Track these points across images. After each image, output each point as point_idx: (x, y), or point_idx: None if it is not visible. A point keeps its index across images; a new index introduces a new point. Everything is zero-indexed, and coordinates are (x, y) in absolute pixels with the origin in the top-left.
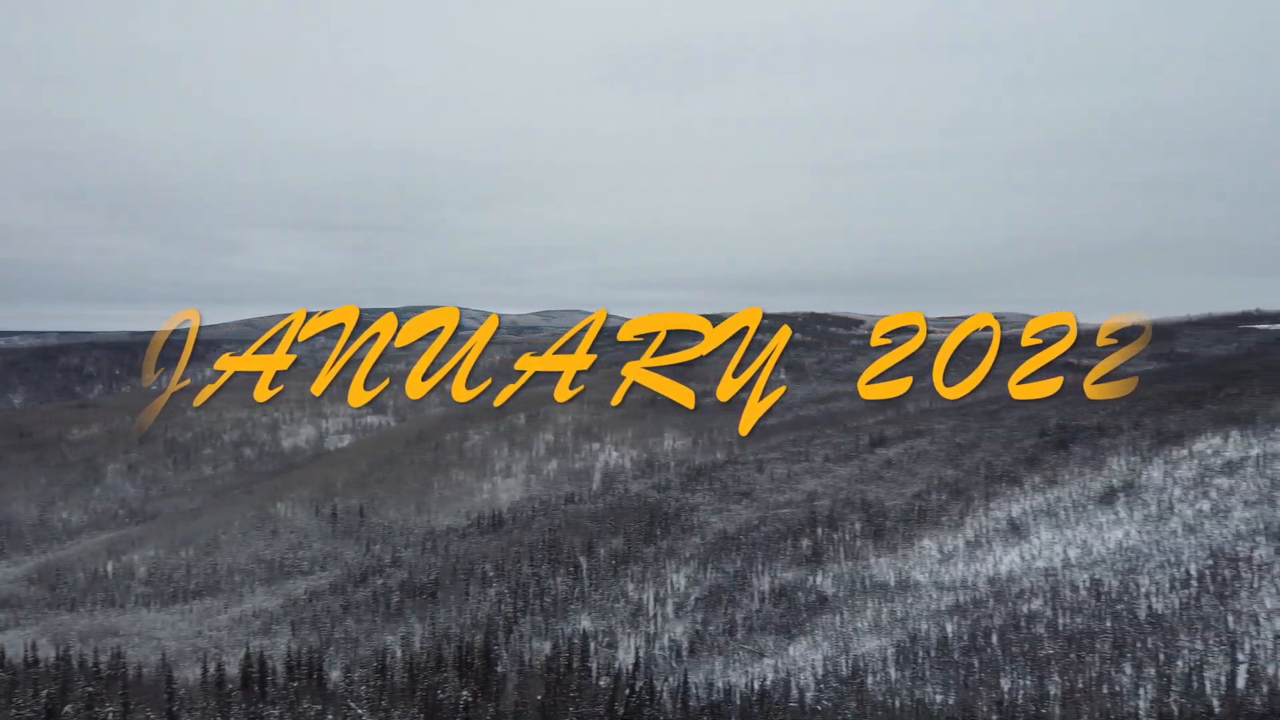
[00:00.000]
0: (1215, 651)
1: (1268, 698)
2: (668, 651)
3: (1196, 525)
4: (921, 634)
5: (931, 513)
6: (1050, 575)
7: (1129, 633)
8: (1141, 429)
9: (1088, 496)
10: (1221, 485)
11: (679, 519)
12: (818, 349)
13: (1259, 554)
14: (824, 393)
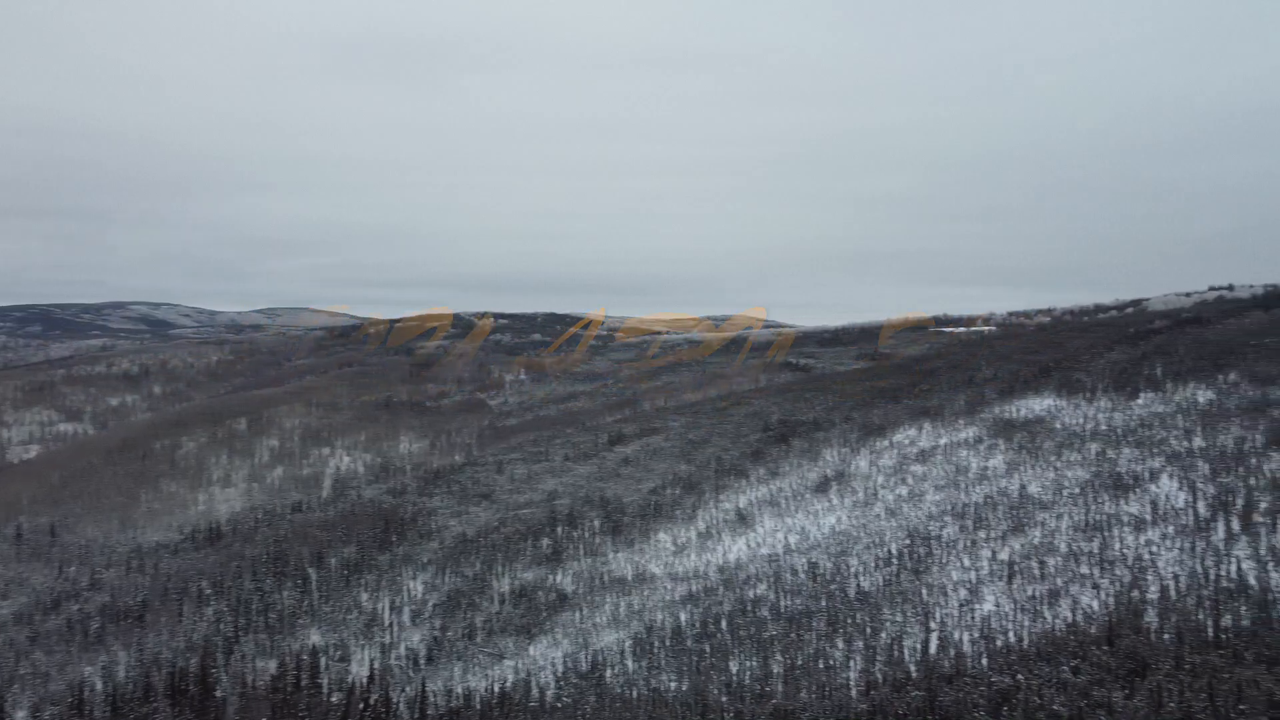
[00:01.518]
0: (912, 622)
1: (955, 660)
2: (405, 661)
3: (896, 509)
4: (657, 625)
5: (667, 507)
6: (773, 561)
7: (841, 610)
8: (850, 423)
9: (805, 486)
10: (917, 472)
11: (416, 524)
12: (559, 349)
13: (947, 532)
14: (563, 392)
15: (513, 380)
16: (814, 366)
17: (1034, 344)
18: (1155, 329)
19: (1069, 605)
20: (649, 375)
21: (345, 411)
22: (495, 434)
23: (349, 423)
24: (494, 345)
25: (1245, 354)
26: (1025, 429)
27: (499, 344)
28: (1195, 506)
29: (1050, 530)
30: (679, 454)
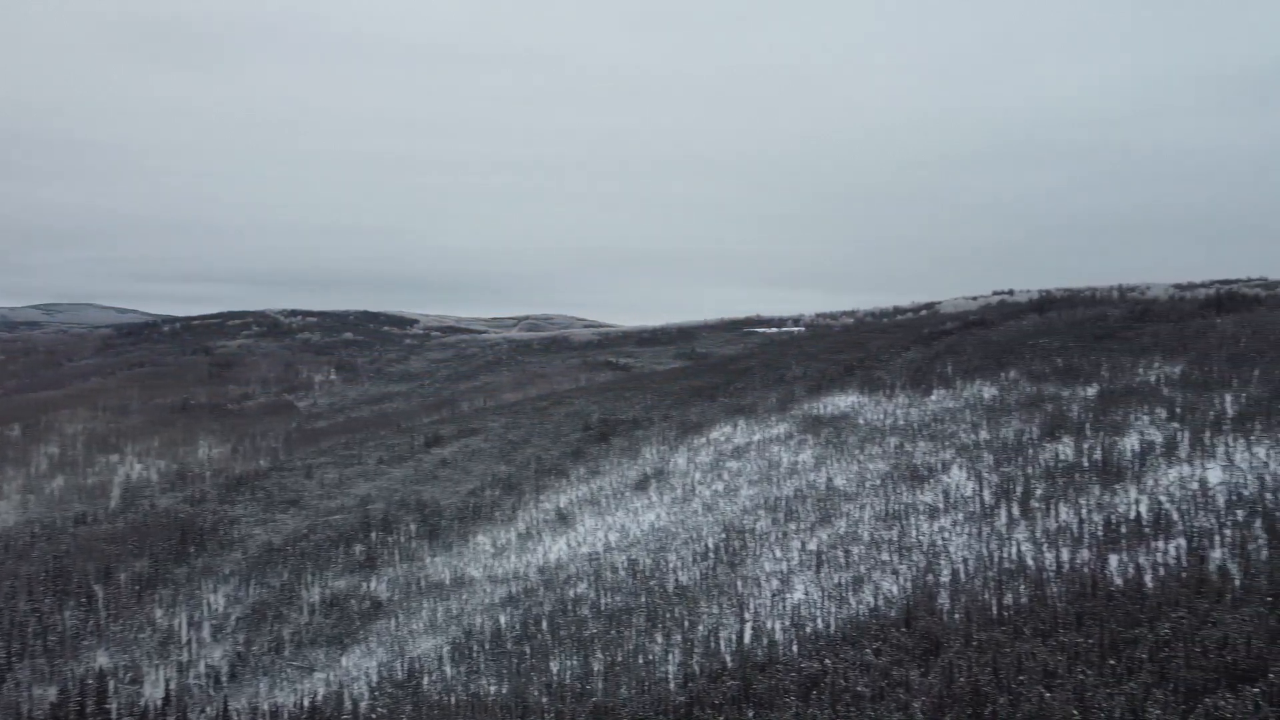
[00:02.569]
0: (728, 614)
1: (767, 648)
2: (205, 679)
3: (713, 504)
4: (476, 628)
5: (486, 509)
6: (594, 560)
7: (660, 605)
8: (669, 421)
9: (625, 484)
10: (732, 468)
11: (217, 533)
12: (370, 348)
13: (760, 525)
14: (377, 393)
15: (322, 381)
16: (634, 366)
17: (839, 344)
18: (947, 330)
19: (871, 591)
20: (467, 375)
21: (136, 415)
22: (304, 437)
23: (141, 427)
24: (302, 345)
25: (1023, 353)
26: (832, 425)
27: (308, 343)
28: (981, 494)
29: (855, 520)
30: (498, 455)
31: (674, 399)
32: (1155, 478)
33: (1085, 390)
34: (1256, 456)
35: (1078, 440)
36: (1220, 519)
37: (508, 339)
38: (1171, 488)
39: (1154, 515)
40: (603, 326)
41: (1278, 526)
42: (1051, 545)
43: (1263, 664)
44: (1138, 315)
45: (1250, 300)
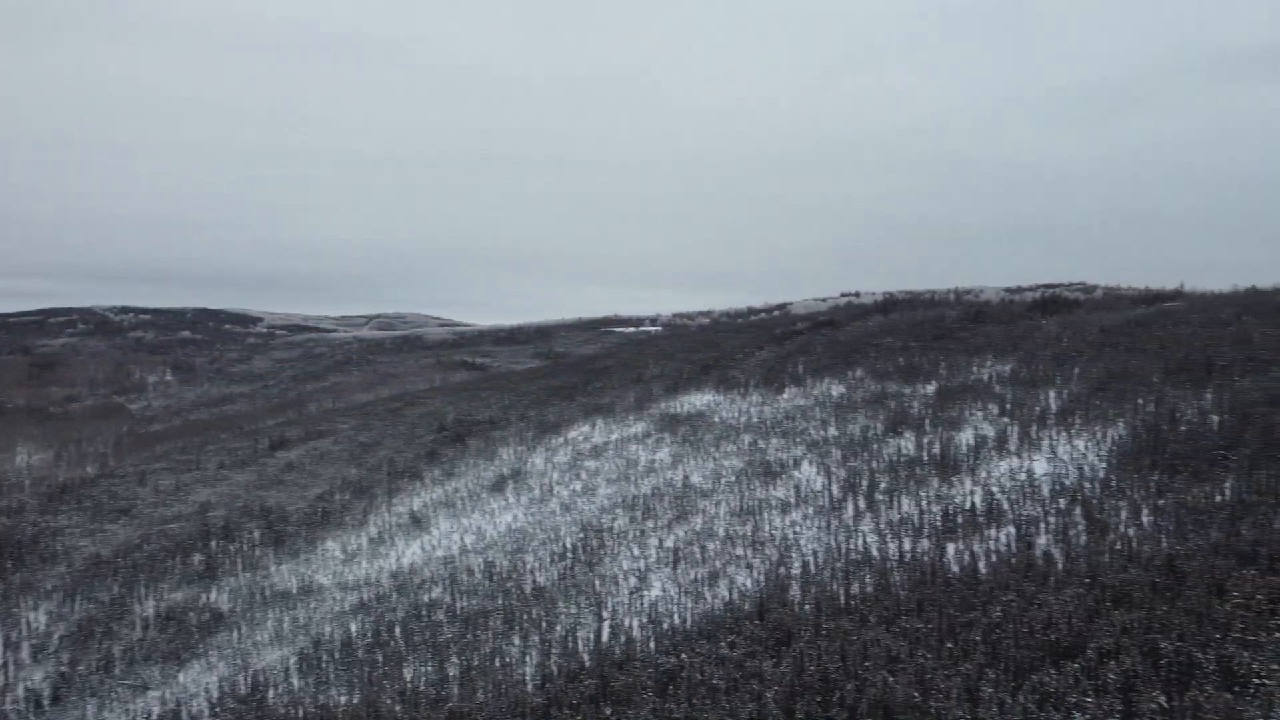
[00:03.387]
0: (586, 613)
1: (625, 646)
2: (24, 704)
3: (571, 504)
4: (325, 638)
5: (335, 513)
6: (449, 563)
7: (517, 607)
8: (527, 421)
9: (482, 485)
10: (590, 467)
11: (37, 547)
12: (210, 347)
13: (618, 524)
14: (218, 394)
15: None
16: (490, 365)
17: (696, 343)
18: (798, 330)
19: (726, 585)
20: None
21: None
22: (137, 442)
23: None
24: (135, 344)
25: (869, 353)
26: (688, 423)
27: (141, 342)
28: (830, 489)
29: (710, 517)
30: (349, 457)
31: (532, 399)
32: (988, 470)
33: (925, 388)
34: (1076, 448)
35: (918, 435)
36: (1045, 507)
37: (358, 338)
38: (1002, 479)
39: (987, 505)
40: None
41: (1095, 513)
42: (894, 536)
43: (1082, 641)
44: (972, 317)
45: (1071, 303)
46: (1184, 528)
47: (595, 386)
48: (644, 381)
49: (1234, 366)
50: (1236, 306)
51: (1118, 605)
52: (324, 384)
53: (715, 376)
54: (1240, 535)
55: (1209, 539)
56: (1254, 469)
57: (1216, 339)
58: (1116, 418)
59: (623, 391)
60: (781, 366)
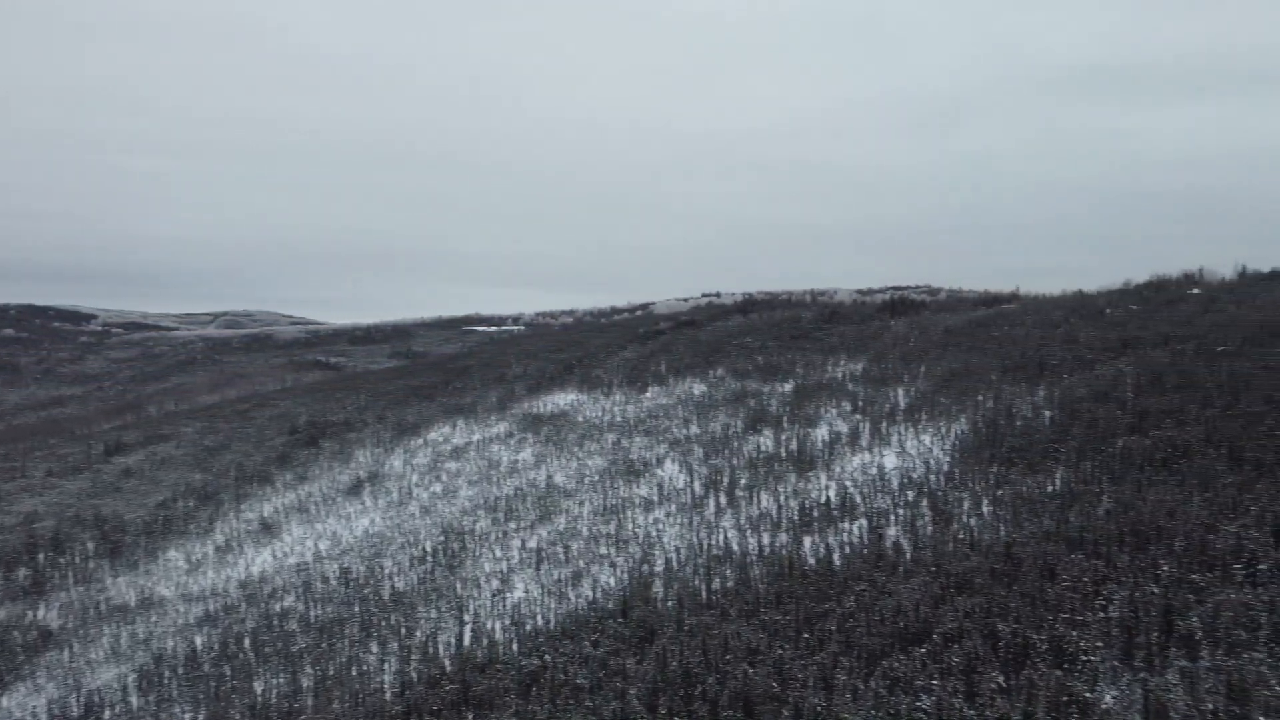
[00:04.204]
0: (447, 617)
1: (487, 649)
2: None
3: (431, 506)
4: (168, 652)
5: (178, 521)
6: (302, 570)
7: (375, 613)
8: (385, 422)
9: (337, 489)
10: (451, 468)
11: None
12: (38, 346)
13: (480, 525)
14: (46, 397)
15: None
16: (346, 365)
17: (559, 342)
18: (660, 330)
19: (590, 584)
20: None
21: None
22: None
23: None
24: None
25: (729, 352)
26: (552, 423)
27: None
28: (692, 486)
29: (574, 516)
30: (193, 462)
31: (390, 399)
32: (842, 465)
33: (783, 386)
34: (923, 443)
35: (777, 432)
36: (894, 500)
37: (203, 337)
38: (855, 474)
39: (841, 499)
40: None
41: (940, 505)
42: (754, 531)
43: (929, 627)
44: (827, 317)
45: (918, 304)
46: (1019, 516)
47: (456, 386)
48: (506, 381)
49: (1063, 365)
50: (1065, 309)
51: (961, 591)
52: (165, 385)
53: (579, 376)
54: (1069, 522)
55: (1041, 526)
56: (1080, 460)
57: (1048, 339)
58: (959, 413)
59: (484, 391)
60: (644, 365)
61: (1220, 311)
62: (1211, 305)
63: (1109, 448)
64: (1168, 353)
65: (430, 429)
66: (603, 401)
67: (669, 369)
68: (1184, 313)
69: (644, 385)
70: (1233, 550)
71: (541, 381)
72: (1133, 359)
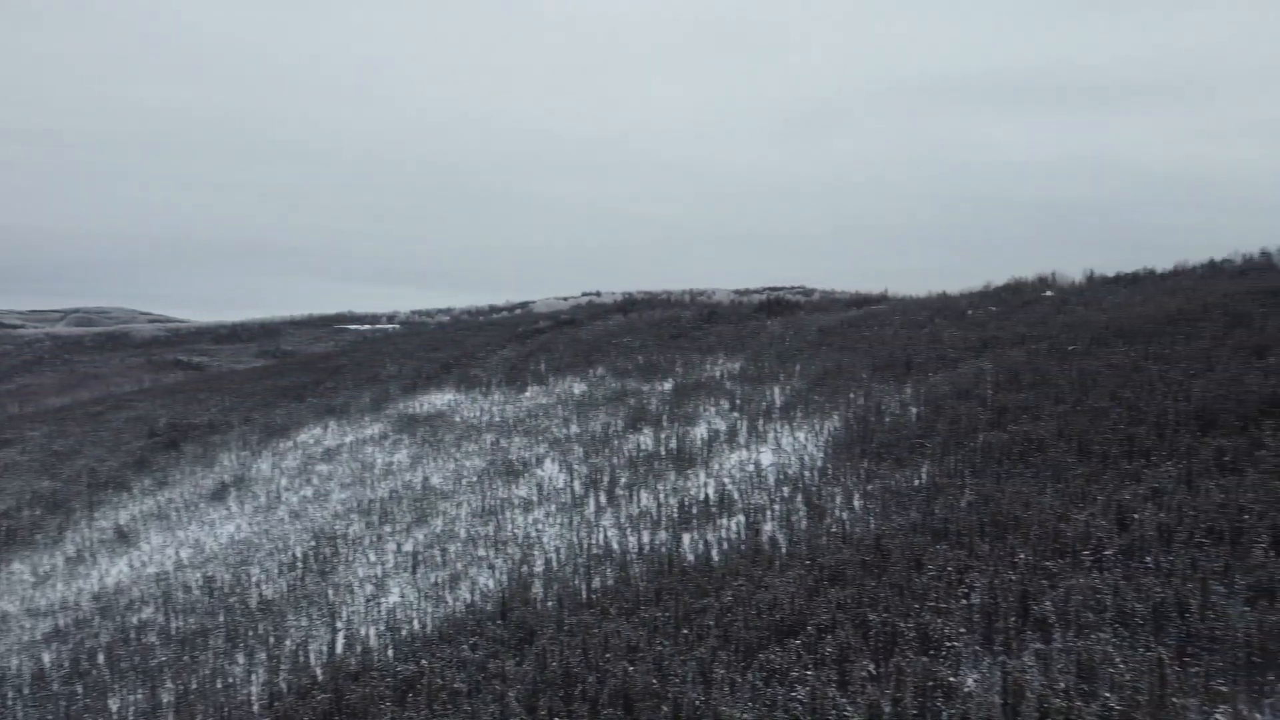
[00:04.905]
0: (319, 625)
1: (361, 657)
2: None
3: (301, 511)
4: (12, 671)
5: (24, 532)
6: (162, 580)
7: (241, 623)
8: (251, 424)
9: (200, 495)
10: (322, 471)
11: None
12: None
13: (353, 530)
14: None
15: None
16: (210, 365)
17: (436, 341)
18: (540, 329)
19: (468, 587)
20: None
21: None
22: None
23: None
24: None
25: (609, 351)
26: (428, 423)
27: None
28: (572, 485)
29: (452, 518)
30: (40, 468)
31: (257, 400)
32: (720, 462)
33: (663, 385)
34: (798, 440)
35: (656, 431)
36: (771, 496)
37: (52, 335)
38: (733, 470)
39: (719, 496)
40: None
41: (814, 500)
42: (634, 529)
43: (803, 619)
44: (706, 317)
45: (793, 305)
46: (888, 509)
47: (328, 386)
48: (381, 381)
49: (929, 364)
50: (930, 310)
51: (834, 583)
52: (9, 386)
53: (456, 375)
54: (934, 514)
55: (909, 519)
56: (945, 455)
57: (914, 339)
58: (832, 411)
59: (358, 391)
60: (524, 365)
61: (1071, 313)
62: (1063, 307)
63: (970, 442)
64: (1024, 352)
65: (300, 431)
66: (481, 401)
67: (549, 368)
68: (1038, 314)
69: (523, 384)
70: (1082, 537)
71: (417, 381)
72: (992, 358)
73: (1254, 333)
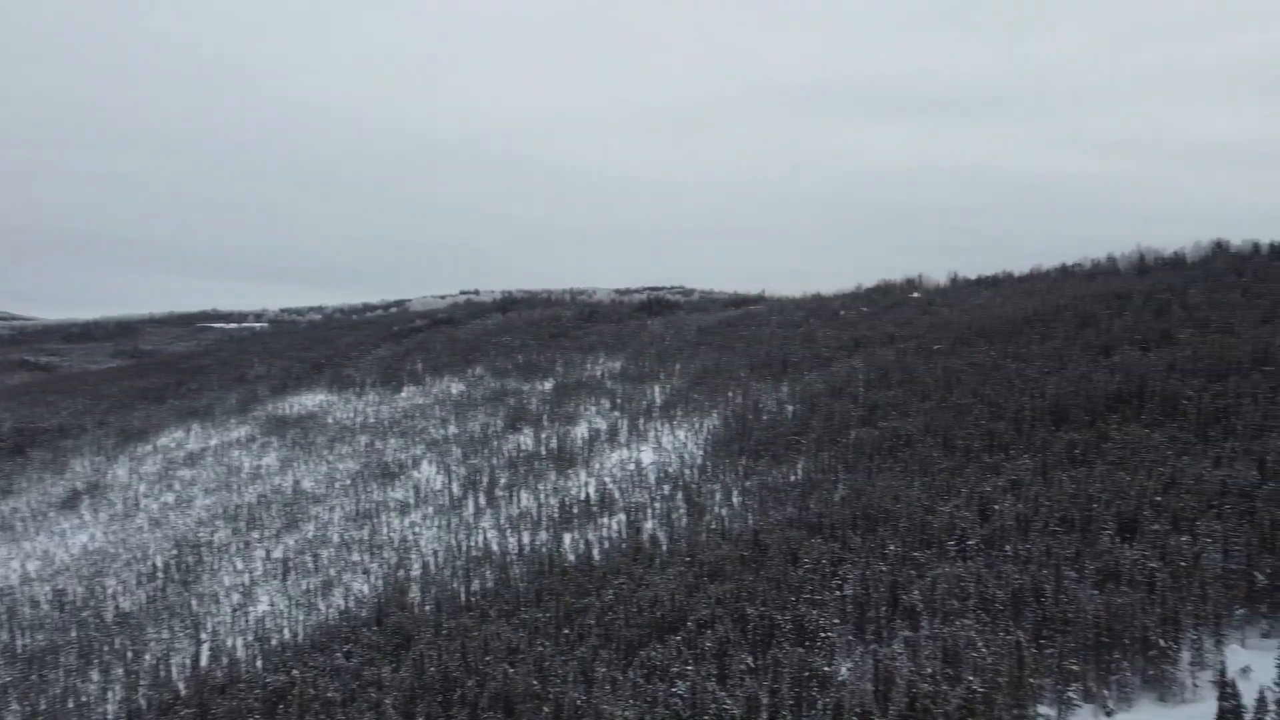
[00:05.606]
0: (181, 637)
1: (228, 669)
2: None
3: (162, 518)
4: None
5: None
6: (6, 595)
7: (97, 638)
8: (107, 427)
9: (49, 503)
10: (185, 476)
11: None
12: None
13: (218, 537)
14: None
15: None
16: (59, 365)
17: (307, 341)
18: (417, 328)
19: (342, 593)
20: None
21: None
22: None
23: None
24: None
25: (488, 350)
26: (299, 425)
27: None
28: (451, 487)
29: (324, 523)
30: None
31: (113, 402)
32: (601, 461)
33: (543, 384)
34: (678, 438)
35: (537, 431)
36: (651, 494)
37: None
38: (614, 469)
39: (601, 495)
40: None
41: (694, 497)
42: (514, 530)
43: (683, 615)
44: (586, 316)
45: (673, 305)
46: (766, 505)
47: (191, 388)
48: (248, 381)
49: (804, 362)
50: (806, 310)
51: (713, 579)
52: None
53: (329, 375)
54: (809, 509)
55: (785, 514)
56: (819, 451)
57: (790, 338)
58: (711, 409)
59: (223, 393)
60: (400, 364)
61: (936, 314)
62: (929, 308)
63: (844, 439)
64: (893, 351)
65: (161, 434)
66: (355, 402)
67: (426, 368)
68: (906, 314)
69: (399, 384)
70: (947, 528)
71: (287, 382)
72: (863, 357)
73: (1101, 333)
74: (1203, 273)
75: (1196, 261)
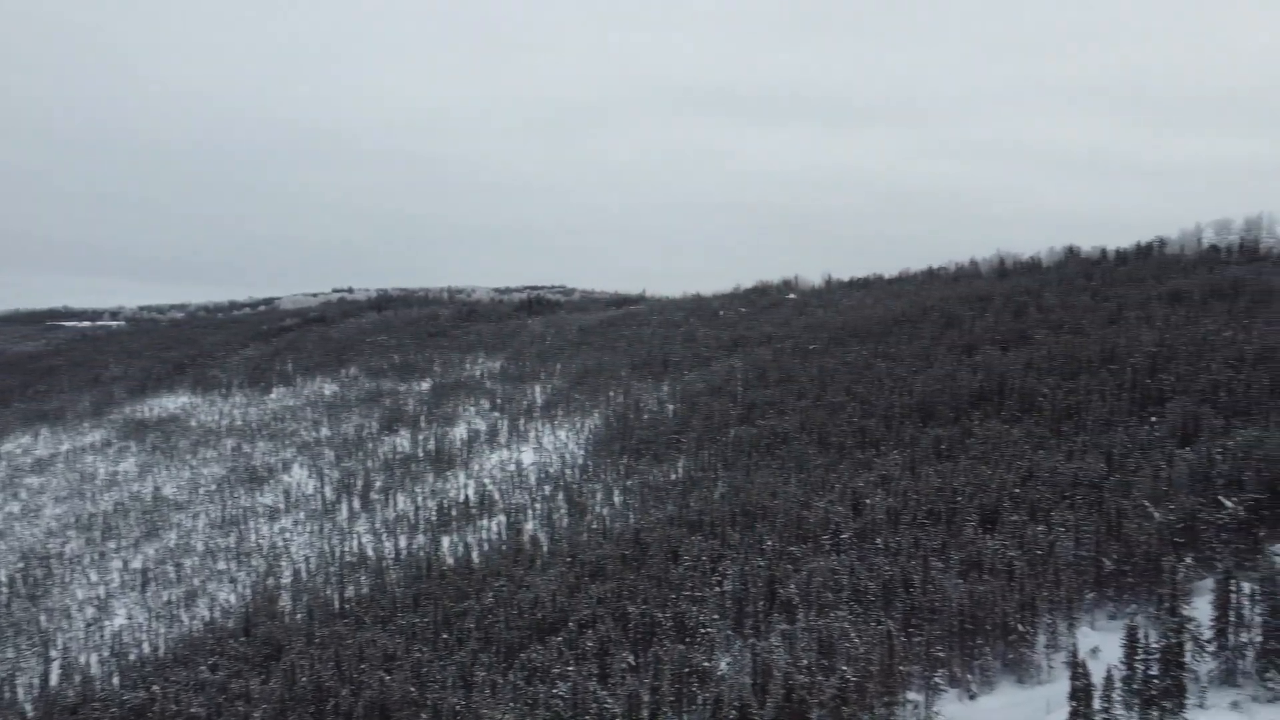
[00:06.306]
0: (29, 655)
1: (80, 687)
2: None
3: (7, 529)
4: None
5: None
6: None
7: None
8: None
9: None
10: (33, 484)
11: None
12: None
13: (71, 547)
14: None
15: None
16: None
17: (168, 339)
18: (287, 327)
19: (207, 604)
20: None
21: None
22: None
23: None
24: None
25: (363, 350)
26: (160, 428)
27: None
28: (323, 491)
29: (187, 531)
30: None
31: None
32: (480, 463)
33: (420, 385)
34: (559, 438)
35: (414, 432)
36: (532, 494)
37: None
38: (494, 470)
39: (480, 496)
40: None
41: (575, 497)
42: (390, 534)
43: (565, 616)
44: (465, 315)
45: (554, 304)
46: (647, 504)
47: (39, 390)
48: (103, 383)
49: (684, 362)
50: (686, 310)
51: (594, 579)
52: None
53: (192, 376)
54: (690, 507)
55: (666, 512)
56: (699, 449)
57: (671, 338)
58: (593, 409)
59: (76, 395)
60: (269, 365)
61: (811, 314)
62: (804, 309)
63: (723, 437)
64: (770, 351)
65: (5, 439)
66: (220, 404)
67: (296, 368)
68: (783, 315)
69: (268, 385)
70: (822, 523)
71: (147, 383)
72: (742, 356)
73: (964, 333)
74: (1057, 276)
75: (1051, 266)
